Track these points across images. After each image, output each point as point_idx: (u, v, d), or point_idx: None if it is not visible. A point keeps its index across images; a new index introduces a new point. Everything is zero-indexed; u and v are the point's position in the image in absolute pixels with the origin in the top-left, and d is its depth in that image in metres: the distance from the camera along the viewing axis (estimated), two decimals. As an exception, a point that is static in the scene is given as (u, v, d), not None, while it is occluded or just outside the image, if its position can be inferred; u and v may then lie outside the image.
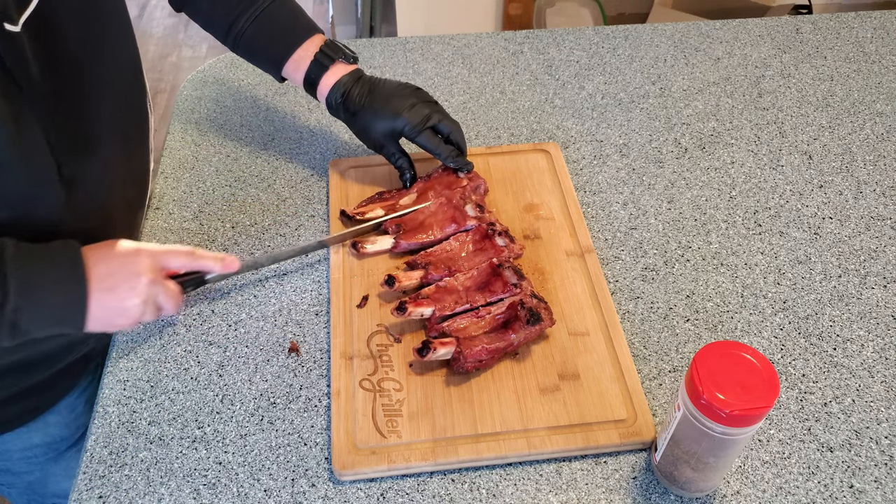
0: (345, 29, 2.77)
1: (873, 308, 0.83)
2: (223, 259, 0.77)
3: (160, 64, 2.83)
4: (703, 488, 0.67)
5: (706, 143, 1.03)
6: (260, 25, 0.88)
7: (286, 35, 0.89)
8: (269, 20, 0.88)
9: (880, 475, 0.69)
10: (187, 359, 0.78)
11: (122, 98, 0.78)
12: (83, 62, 0.70)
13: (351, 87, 0.87)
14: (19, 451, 0.85)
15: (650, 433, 0.70)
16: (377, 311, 0.80)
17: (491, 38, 1.21)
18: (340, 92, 0.87)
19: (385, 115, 0.86)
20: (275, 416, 0.73)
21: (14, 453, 0.86)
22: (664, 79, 1.13)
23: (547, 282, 0.83)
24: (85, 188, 0.72)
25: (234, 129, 1.04)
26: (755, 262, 0.87)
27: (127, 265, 0.69)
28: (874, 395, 0.75)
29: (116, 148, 0.77)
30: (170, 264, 0.74)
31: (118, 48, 0.77)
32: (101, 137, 0.74)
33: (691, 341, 0.80)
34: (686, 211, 0.93)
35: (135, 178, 0.84)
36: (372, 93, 0.87)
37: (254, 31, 0.88)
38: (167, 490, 0.68)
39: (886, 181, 0.98)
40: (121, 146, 0.78)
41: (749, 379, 0.58)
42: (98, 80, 0.73)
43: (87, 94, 0.71)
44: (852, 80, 1.14)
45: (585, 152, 1.01)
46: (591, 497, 0.68)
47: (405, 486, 0.69)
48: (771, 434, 0.72)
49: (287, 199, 0.94)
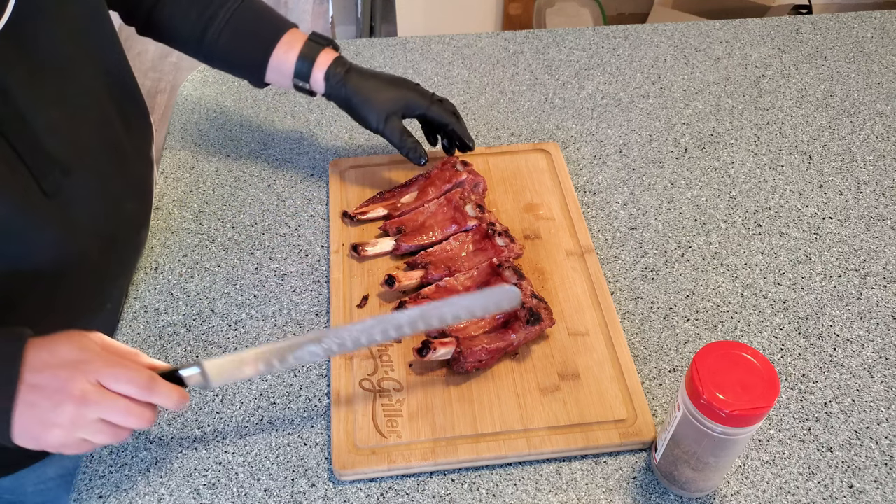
0: (345, 29, 2.77)
1: (873, 308, 0.83)
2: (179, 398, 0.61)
3: (160, 64, 2.83)
4: (703, 488, 0.67)
5: (706, 143, 1.03)
6: (234, 30, 0.85)
7: (263, 34, 0.86)
8: (241, 23, 0.85)
9: (880, 475, 0.69)
10: (187, 359, 0.78)
11: (109, 106, 0.75)
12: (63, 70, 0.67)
13: (347, 69, 0.86)
14: (34, 485, 0.84)
15: (650, 433, 0.70)
16: (377, 311, 0.80)
17: (491, 38, 1.21)
18: (340, 74, 0.85)
19: (391, 91, 0.86)
20: (275, 416, 0.73)
21: (28, 486, 0.84)
22: (664, 79, 1.13)
23: (547, 282, 0.83)
24: (75, 205, 0.69)
25: (234, 129, 1.05)
26: (755, 262, 0.87)
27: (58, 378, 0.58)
28: (874, 395, 0.75)
29: (107, 160, 0.74)
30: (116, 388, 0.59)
31: (100, 54, 0.74)
32: (87, 149, 0.71)
33: (691, 341, 0.80)
34: (686, 211, 0.93)
35: (134, 192, 0.81)
36: (370, 74, 0.88)
37: (227, 38, 0.85)
38: (167, 490, 0.68)
39: (886, 181, 0.98)
40: (113, 158, 0.75)
41: (749, 379, 0.58)
42: (79, 88, 0.70)
43: (67, 103, 0.68)
44: (852, 80, 1.14)
45: (585, 152, 1.01)
46: (591, 497, 0.68)
47: (405, 486, 0.69)
48: (771, 434, 0.72)
49: (287, 199, 0.94)
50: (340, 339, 0.65)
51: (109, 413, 0.59)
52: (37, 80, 0.64)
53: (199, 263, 0.87)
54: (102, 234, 0.75)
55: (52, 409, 0.57)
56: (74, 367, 0.58)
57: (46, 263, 0.69)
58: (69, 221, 0.69)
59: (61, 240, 0.69)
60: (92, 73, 0.72)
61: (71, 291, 0.74)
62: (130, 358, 0.61)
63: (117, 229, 0.78)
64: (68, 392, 0.57)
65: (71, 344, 0.60)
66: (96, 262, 0.75)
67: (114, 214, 0.77)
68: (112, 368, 0.59)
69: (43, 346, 0.59)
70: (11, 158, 0.63)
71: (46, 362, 0.58)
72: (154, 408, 0.61)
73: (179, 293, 0.84)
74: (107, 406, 0.58)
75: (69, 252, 0.71)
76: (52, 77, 0.66)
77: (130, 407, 0.59)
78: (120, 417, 0.59)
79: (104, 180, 0.74)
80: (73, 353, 0.59)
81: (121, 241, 0.79)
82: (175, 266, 0.87)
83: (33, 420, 0.58)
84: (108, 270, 0.78)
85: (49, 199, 0.66)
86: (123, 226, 0.79)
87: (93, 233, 0.73)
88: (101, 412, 0.58)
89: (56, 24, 0.66)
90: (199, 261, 0.87)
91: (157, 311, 0.82)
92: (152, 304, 0.83)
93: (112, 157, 0.76)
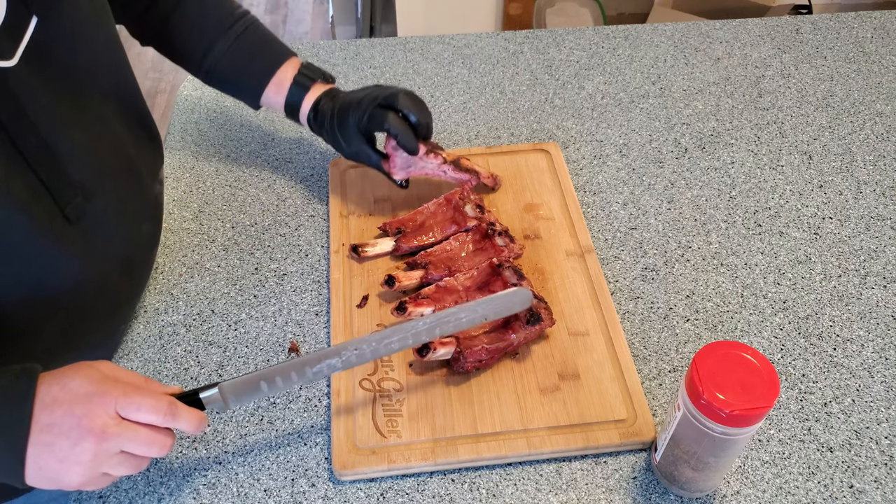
0: (345, 29, 2.77)
1: (873, 308, 0.83)
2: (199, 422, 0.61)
3: (160, 64, 2.83)
4: (703, 488, 0.67)
5: (706, 143, 1.03)
6: (234, 56, 0.86)
7: (262, 63, 0.88)
8: (244, 49, 0.86)
9: (880, 475, 0.69)
10: (187, 359, 0.78)
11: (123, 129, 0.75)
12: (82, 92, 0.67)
13: (322, 101, 0.86)
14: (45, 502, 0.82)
15: (650, 433, 0.70)
16: (377, 311, 0.80)
17: (491, 38, 1.21)
18: (316, 111, 0.87)
19: (348, 119, 0.84)
20: (275, 416, 0.73)
21: None
22: (664, 79, 1.13)
23: (547, 282, 0.83)
24: (97, 230, 0.69)
25: (234, 129, 1.05)
26: (755, 262, 0.87)
27: (74, 415, 0.55)
28: (874, 395, 0.75)
29: (125, 183, 0.74)
30: (137, 417, 0.57)
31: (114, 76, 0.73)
32: (106, 172, 0.70)
33: (691, 341, 0.80)
34: (686, 211, 0.93)
35: (150, 214, 0.81)
36: (335, 100, 0.86)
37: (228, 62, 0.86)
38: (167, 490, 0.68)
39: (886, 181, 0.98)
40: (130, 181, 0.75)
41: (749, 379, 0.58)
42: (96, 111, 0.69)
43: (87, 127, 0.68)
44: (852, 80, 1.14)
45: (585, 152, 1.01)
46: (591, 497, 0.68)
47: (405, 486, 0.69)
48: (771, 434, 0.72)
49: (287, 199, 0.94)
50: (360, 350, 0.65)
51: (131, 444, 0.57)
52: (59, 104, 0.64)
53: (199, 263, 0.87)
54: (121, 258, 0.74)
55: (71, 447, 0.55)
56: (89, 400, 0.56)
57: (66, 290, 0.68)
58: (90, 247, 0.68)
59: (82, 266, 0.68)
60: (107, 95, 0.71)
61: (89, 317, 0.73)
62: (144, 384, 0.60)
63: (134, 252, 0.77)
64: (87, 428, 0.55)
65: (82, 376, 0.57)
66: (114, 286, 0.74)
67: (132, 238, 0.77)
68: (131, 398, 0.57)
69: (53, 381, 0.57)
70: (36, 187, 0.62)
71: (59, 399, 0.56)
72: (173, 433, 0.60)
73: (179, 293, 0.84)
74: (128, 437, 0.57)
75: (89, 278, 0.70)
76: (72, 101, 0.65)
77: (152, 436, 0.58)
78: (142, 448, 0.57)
79: (123, 204, 0.74)
80: (85, 386, 0.57)
81: (137, 263, 0.79)
82: (175, 266, 0.87)
83: (51, 460, 0.55)
84: (124, 292, 0.78)
85: (72, 226, 0.66)
86: (140, 248, 0.79)
87: (112, 257, 0.73)
88: (123, 444, 0.57)
89: (75, 47, 0.65)
90: (199, 261, 0.87)
91: (157, 311, 0.82)
92: (152, 304, 0.83)
93: (129, 180, 0.75)
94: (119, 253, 0.74)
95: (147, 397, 0.58)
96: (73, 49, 0.65)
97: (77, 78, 0.66)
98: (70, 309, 0.70)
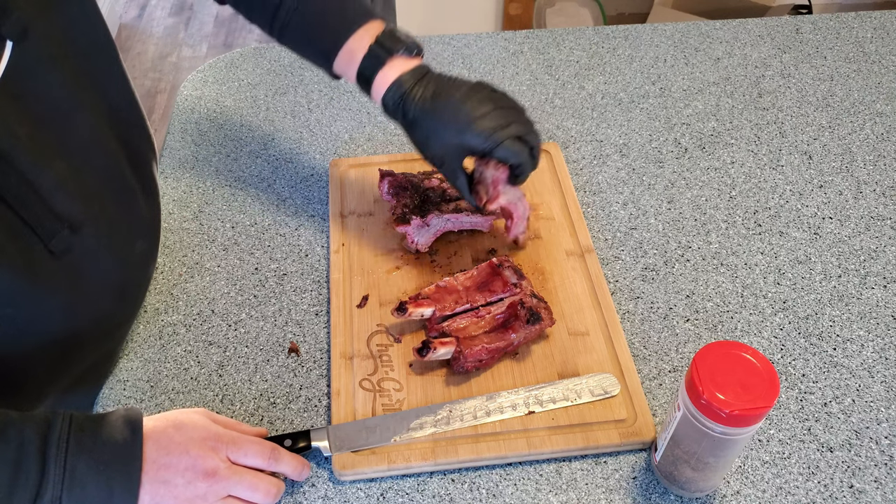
0: (345, 29, 2.77)
1: (873, 308, 0.83)
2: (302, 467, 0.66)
3: (160, 64, 2.83)
4: (703, 488, 0.67)
5: (706, 143, 1.03)
6: (306, 13, 0.74)
7: (336, 23, 0.75)
8: (316, 6, 0.75)
9: (880, 475, 0.69)
10: (187, 359, 0.78)
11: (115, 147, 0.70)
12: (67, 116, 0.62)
13: (412, 87, 0.73)
14: None
15: (650, 433, 0.70)
16: (377, 311, 0.80)
17: (491, 38, 1.21)
18: (399, 93, 0.73)
19: (451, 125, 0.71)
20: (275, 416, 0.73)
21: None
22: (664, 79, 1.13)
23: (547, 282, 0.83)
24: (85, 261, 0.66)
25: (234, 129, 1.05)
26: (755, 262, 0.87)
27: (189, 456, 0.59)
28: (874, 395, 0.75)
29: (116, 207, 0.70)
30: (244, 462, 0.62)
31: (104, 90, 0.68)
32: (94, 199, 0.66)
33: (691, 341, 0.80)
34: (686, 211, 0.93)
35: (143, 232, 0.77)
36: (436, 97, 0.73)
37: (299, 20, 0.75)
38: (167, 490, 0.68)
39: (886, 181, 0.98)
40: (121, 204, 0.71)
41: (749, 379, 0.58)
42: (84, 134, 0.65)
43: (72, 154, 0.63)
44: (852, 80, 1.14)
45: (585, 152, 1.01)
46: (591, 497, 0.68)
47: (405, 486, 0.69)
48: (771, 434, 0.72)
49: (287, 199, 0.94)
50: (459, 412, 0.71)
51: (238, 488, 0.61)
52: (40, 134, 0.59)
53: (199, 263, 0.87)
54: (114, 285, 0.72)
55: (185, 485, 0.59)
56: (203, 443, 0.60)
57: (57, 323, 0.66)
58: (79, 280, 0.66)
59: (71, 299, 0.66)
60: (97, 113, 0.67)
61: (82, 348, 0.71)
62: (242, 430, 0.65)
63: (128, 275, 0.75)
64: (201, 469, 0.59)
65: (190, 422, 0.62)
66: (107, 312, 0.72)
67: (125, 260, 0.73)
68: (239, 444, 0.62)
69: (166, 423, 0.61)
70: (14, 224, 0.58)
71: (174, 440, 0.60)
72: (281, 483, 0.64)
73: (179, 293, 0.84)
74: (236, 481, 0.61)
75: (80, 310, 0.67)
76: (55, 128, 0.61)
77: (256, 483, 0.62)
78: (247, 493, 0.61)
79: (113, 229, 0.70)
80: (200, 431, 0.61)
81: (131, 285, 0.77)
82: (175, 266, 0.87)
83: (166, 497, 0.58)
84: (118, 315, 0.76)
85: (57, 260, 0.63)
86: (134, 269, 0.76)
87: (104, 285, 0.70)
88: (231, 487, 0.61)
89: (56, 69, 0.61)
90: (199, 261, 0.87)
91: (157, 311, 0.82)
92: (152, 304, 0.83)
93: (121, 203, 0.71)
94: (110, 280, 0.71)
95: (252, 443, 0.63)
96: (54, 68, 0.60)
97: (60, 99, 0.62)
98: (62, 341, 0.68)
